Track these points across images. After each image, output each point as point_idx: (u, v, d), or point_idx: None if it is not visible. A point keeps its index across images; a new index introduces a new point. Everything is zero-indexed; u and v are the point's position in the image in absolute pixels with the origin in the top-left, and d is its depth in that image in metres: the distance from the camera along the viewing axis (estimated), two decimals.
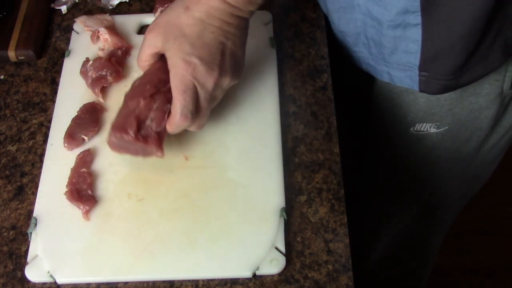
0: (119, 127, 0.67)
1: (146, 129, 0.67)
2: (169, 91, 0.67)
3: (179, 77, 0.66)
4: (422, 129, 0.88)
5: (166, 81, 0.68)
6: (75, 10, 0.91)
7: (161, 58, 0.69)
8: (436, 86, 0.78)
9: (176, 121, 0.67)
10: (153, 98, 0.67)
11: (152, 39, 0.68)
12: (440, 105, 0.84)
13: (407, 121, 0.88)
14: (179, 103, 0.66)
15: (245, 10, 0.69)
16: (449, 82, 0.77)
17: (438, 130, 0.88)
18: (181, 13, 0.67)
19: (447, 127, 0.87)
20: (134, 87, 0.69)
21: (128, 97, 0.69)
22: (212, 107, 0.71)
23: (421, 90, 0.80)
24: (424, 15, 0.71)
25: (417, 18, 0.72)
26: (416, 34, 0.74)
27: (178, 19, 0.67)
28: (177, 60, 0.66)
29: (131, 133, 0.66)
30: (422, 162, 0.95)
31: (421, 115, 0.86)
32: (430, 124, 0.87)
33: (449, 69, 0.76)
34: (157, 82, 0.68)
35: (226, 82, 0.69)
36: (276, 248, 0.66)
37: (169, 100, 0.68)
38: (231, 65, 0.69)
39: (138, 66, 0.71)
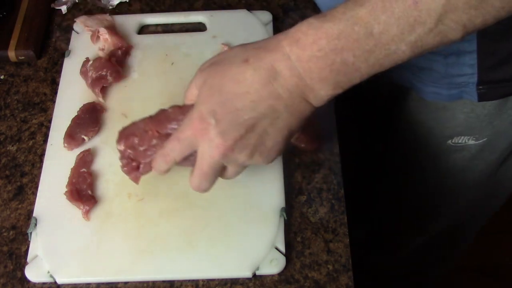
0: (122, 135, 0.68)
1: (136, 153, 0.67)
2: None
3: (186, 128, 0.60)
4: (460, 142, 0.86)
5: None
6: (75, 10, 0.91)
7: None
8: (496, 94, 0.77)
9: (155, 167, 0.64)
10: (160, 136, 0.65)
11: (197, 79, 0.61)
12: (480, 120, 0.82)
13: (444, 135, 0.86)
14: (165, 148, 0.62)
15: (317, 94, 0.57)
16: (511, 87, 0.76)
17: (477, 142, 0.85)
18: (237, 62, 0.57)
19: (486, 139, 0.85)
20: (161, 112, 0.67)
21: (149, 118, 0.67)
22: (221, 176, 0.63)
23: (479, 101, 0.77)
24: (480, 40, 0.70)
25: (472, 45, 0.71)
26: (471, 59, 0.73)
27: (228, 68, 0.58)
28: (196, 112, 0.59)
29: (122, 146, 0.67)
30: (458, 172, 0.93)
31: (459, 130, 0.84)
32: (469, 137, 0.85)
33: (510, 75, 0.74)
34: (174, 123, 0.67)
35: (242, 159, 0.59)
36: (276, 248, 0.66)
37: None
38: (256, 145, 0.58)
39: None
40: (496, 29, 0.57)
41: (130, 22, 0.86)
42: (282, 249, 0.66)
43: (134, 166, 0.68)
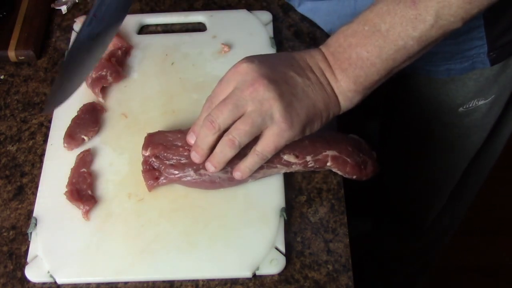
0: (150, 141, 0.70)
1: (161, 164, 0.69)
2: None
3: (232, 70, 0.64)
4: (471, 105, 0.89)
5: None
6: (75, 10, 0.91)
7: None
8: (506, 53, 0.81)
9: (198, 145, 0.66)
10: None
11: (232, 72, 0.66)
12: (488, 81, 0.86)
13: (456, 104, 0.89)
14: (211, 93, 0.65)
15: (339, 86, 0.64)
16: None
17: (486, 101, 0.89)
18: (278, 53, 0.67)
19: (494, 96, 0.89)
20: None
21: (181, 132, 0.70)
22: (245, 141, 0.64)
23: (492, 65, 0.82)
24: (486, 14, 0.73)
25: (479, 20, 0.76)
26: (479, 32, 0.77)
27: (269, 55, 0.67)
28: (241, 61, 0.64)
29: (148, 152, 0.69)
30: (471, 133, 0.96)
31: (470, 96, 0.87)
32: (479, 99, 0.88)
33: None
34: None
35: (267, 104, 0.62)
36: (276, 248, 0.66)
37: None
38: (286, 95, 0.62)
39: None
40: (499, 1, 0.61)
41: (130, 22, 0.86)
42: (282, 249, 0.66)
43: (155, 175, 0.68)
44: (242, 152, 0.66)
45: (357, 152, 0.70)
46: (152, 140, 0.70)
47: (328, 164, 0.69)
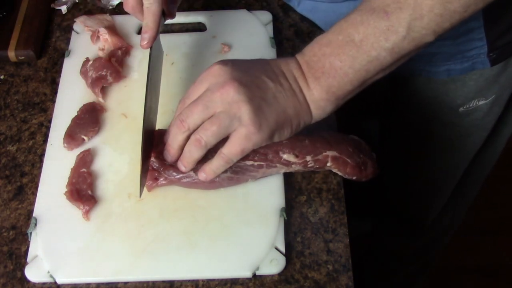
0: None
1: (160, 165, 0.69)
2: None
3: (206, 72, 0.65)
4: (471, 105, 0.90)
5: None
6: (75, 10, 0.91)
7: None
8: (506, 54, 0.82)
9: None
10: None
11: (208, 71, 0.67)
12: (488, 81, 0.86)
13: (456, 104, 0.90)
14: (185, 94, 0.66)
15: (311, 94, 0.65)
16: None
17: (487, 100, 0.89)
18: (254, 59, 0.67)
19: (494, 95, 0.89)
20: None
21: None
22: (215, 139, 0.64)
23: (492, 66, 0.82)
24: (485, 15, 0.73)
25: (479, 22, 0.76)
26: (479, 33, 0.78)
27: (245, 60, 0.67)
28: (215, 63, 0.65)
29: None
30: (471, 132, 0.97)
31: (470, 96, 0.88)
32: (479, 99, 0.89)
33: None
34: None
35: (236, 106, 0.62)
36: (276, 248, 0.66)
37: None
38: (258, 101, 0.63)
39: None
40: (499, 2, 0.62)
41: (130, 22, 0.86)
42: (282, 249, 0.66)
43: (154, 175, 0.68)
44: (213, 153, 0.66)
45: (358, 153, 0.70)
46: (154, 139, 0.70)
47: (328, 164, 0.69)
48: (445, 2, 0.57)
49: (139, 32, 0.86)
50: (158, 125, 0.75)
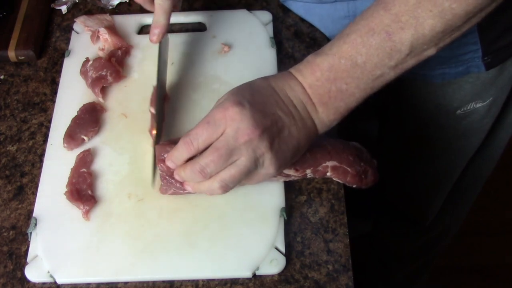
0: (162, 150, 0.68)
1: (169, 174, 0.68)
2: None
3: (217, 112, 0.62)
4: (468, 108, 0.90)
5: None
6: (75, 10, 0.91)
7: None
8: (502, 58, 0.82)
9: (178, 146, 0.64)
10: None
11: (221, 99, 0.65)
12: (484, 84, 0.86)
13: (453, 107, 0.90)
14: (189, 134, 0.63)
15: (320, 117, 0.64)
16: None
17: (484, 103, 0.89)
18: (258, 80, 0.65)
19: (491, 98, 0.89)
20: None
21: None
22: (231, 177, 0.63)
23: (487, 70, 0.82)
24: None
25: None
26: (473, 37, 0.78)
27: (252, 82, 0.65)
28: (227, 100, 0.62)
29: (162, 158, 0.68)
30: (469, 135, 0.97)
31: (467, 98, 0.88)
32: (476, 101, 0.89)
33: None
34: None
35: (260, 153, 0.61)
36: (276, 248, 0.66)
37: None
38: (275, 142, 0.62)
39: None
40: None
41: (130, 22, 0.86)
42: (282, 249, 0.66)
43: (170, 181, 0.68)
44: None
45: (358, 162, 0.70)
46: (159, 155, 0.68)
47: (328, 174, 0.69)
48: (446, 20, 0.58)
49: (139, 32, 0.86)
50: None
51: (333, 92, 0.63)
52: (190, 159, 0.64)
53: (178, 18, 0.87)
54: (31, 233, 0.69)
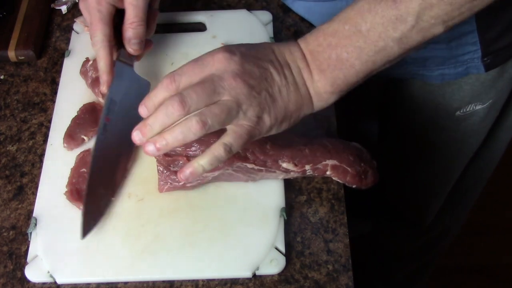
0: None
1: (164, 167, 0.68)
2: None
3: (208, 55, 0.60)
4: (468, 110, 0.89)
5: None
6: (75, 10, 0.91)
7: None
8: (501, 59, 0.82)
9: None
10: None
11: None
12: (484, 86, 0.86)
13: (452, 108, 0.89)
14: (178, 70, 0.60)
15: (315, 86, 0.63)
16: None
17: (484, 105, 0.89)
18: (263, 42, 0.65)
19: (491, 100, 0.89)
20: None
21: None
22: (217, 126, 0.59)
23: (486, 71, 0.82)
24: (478, 19, 0.72)
25: (472, 25, 0.75)
26: (473, 37, 0.77)
27: (251, 44, 0.64)
28: (219, 48, 0.61)
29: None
30: (468, 137, 0.96)
31: (466, 100, 0.87)
32: (476, 103, 0.88)
33: (511, 41, 0.79)
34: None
35: (244, 99, 0.59)
36: (276, 248, 0.66)
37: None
38: (265, 97, 0.61)
39: None
40: (490, 6, 0.61)
41: None
42: (282, 249, 0.66)
43: (166, 174, 0.68)
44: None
45: (358, 162, 0.70)
46: None
47: (328, 173, 0.69)
48: None
49: None
50: None
51: (332, 60, 0.61)
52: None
53: (178, 18, 0.87)
54: (31, 233, 0.69)
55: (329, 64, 0.62)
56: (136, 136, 0.59)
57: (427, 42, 0.60)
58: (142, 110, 0.60)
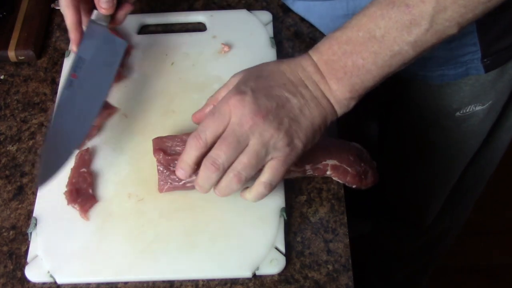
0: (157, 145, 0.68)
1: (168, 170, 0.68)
2: None
3: (222, 102, 0.62)
4: (468, 111, 0.89)
5: None
6: None
7: None
8: (501, 61, 0.82)
9: (183, 159, 0.63)
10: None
11: (231, 79, 0.66)
12: (484, 87, 0.85)
13: (452, 109, 0.89)
14: (198, 128, 0.62)
15: (335, 95, 0.63)
16: None
17: (484, 106, 0.89)
18: (272, 63, 0.66)
19: (491, 101, 0.89)
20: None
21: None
22: (246, 170, 0.61)
23: (486, 72, 0.82)
24: (478, 20, 0.72)
25: (472, 26, 0.75)
26: (473, 38, 0.77)
27: (265, 65, 0.65)
28: (232, 89, 0.62)
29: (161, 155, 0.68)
30: (468, 138, 0.96)
31: (466, 100, 0.87)
32: (476, 104, 0.88)
33: (511, 42, 0.79)
34: None
35: (269, 133, 0.60)
36: (276, 248, 0.66)
37: None
38: (284, 122, 0.61)
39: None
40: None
41: (130, 22, 0.86)
42: (282, 249, 0.66)
43: (166, 174, 0.68)
44: None
45: (359, 162, 0.70)
46: (155, 146, 0.69)
47: (328, 172, 0.69)
48: None
49: (139, 32, 0.86)
50: (159, 125, 0.75)
51: (349, 67, 0.61)
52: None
53: (178, 18, 0.87)
54: (31, 233, 0.69)
55: (345, 72, 0.62)
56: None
57: (441, 42, 0.61)
58: (180, 174, 0.64)
